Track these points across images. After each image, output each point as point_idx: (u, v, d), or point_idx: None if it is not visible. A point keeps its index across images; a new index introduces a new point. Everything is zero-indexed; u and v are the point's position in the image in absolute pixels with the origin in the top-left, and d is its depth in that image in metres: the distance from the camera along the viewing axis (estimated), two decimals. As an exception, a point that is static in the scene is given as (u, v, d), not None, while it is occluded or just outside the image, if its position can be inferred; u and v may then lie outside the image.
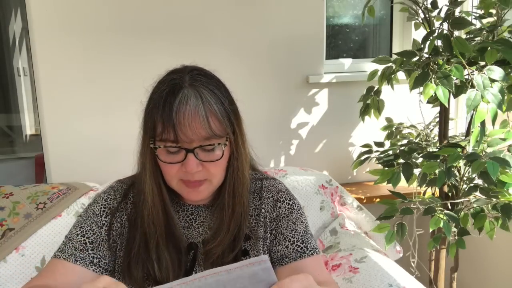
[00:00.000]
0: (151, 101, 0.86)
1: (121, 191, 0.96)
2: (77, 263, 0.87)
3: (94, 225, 0.91)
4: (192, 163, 0.82)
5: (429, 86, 1.37)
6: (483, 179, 1.40)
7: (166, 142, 0.82)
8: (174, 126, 0.80)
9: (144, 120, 0.88)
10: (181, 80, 0.85)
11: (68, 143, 1.75)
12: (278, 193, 0.98)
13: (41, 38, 1.67)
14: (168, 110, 0.81)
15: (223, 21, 1.84)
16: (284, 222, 0.95)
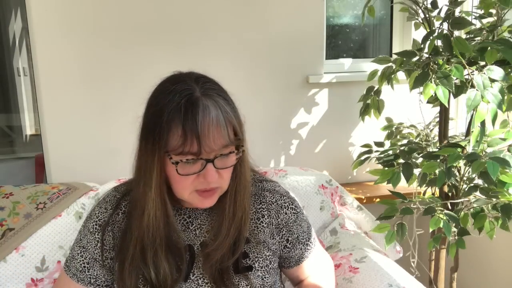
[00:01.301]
0: (164, 113, 0.80)
1: (113, 201, 0.94)
2: (79, 283, 0.92)
3: (89, 244, 0.92)
4: (213, 173, 0.81)
5: (429, 86, 1.37)
6: (483, 179, 1.40)
7: (186, 155, 0.79)
8: (200, 139, 0.78)
9: (152, 131, 0.82)
10: (193, 89, 0.82)
11: (68, 143, 1.75)
12: (281, 197, 0.99)
13: (41, 38, 1.67)
14: (191, 123, 0.78)
15: (223, 21, 1.84)
16: (294, 227, 1.00)
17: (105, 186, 1.59)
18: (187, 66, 1.88)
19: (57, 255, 1.44)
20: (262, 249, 0.94)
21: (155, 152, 0.81)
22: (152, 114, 0.83)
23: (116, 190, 0.97)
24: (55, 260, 1.44)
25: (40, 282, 1.42)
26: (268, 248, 0.96)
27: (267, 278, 0.94)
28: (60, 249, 1.45)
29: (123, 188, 0.97)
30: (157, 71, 1.98)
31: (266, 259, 0.95)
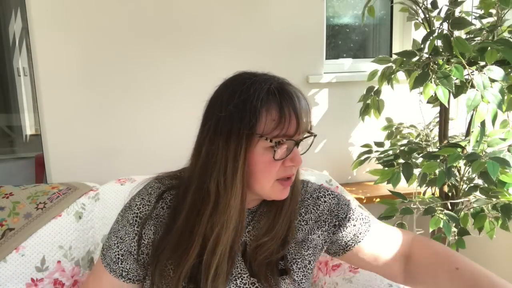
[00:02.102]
0: (254, 98, 0.78)
1: (155, 195, 0.89)
2: (111, 273, 0.90)
3: (127, 236, 0.88)
4: (299, 155, 0.83)
5: (429, 86, 1.37)
6: (483, 179, 1.40)
7: (280, 137, 0.79)
8: (298, 118, 0.79)
9: (239, 120, 0.78)
10: (273, 79, 0.82)
11: (68, 143, 1.75)
12: (315, 191, 0.98)
13: (41, 38, 1.67)
14: (290, 103, 0.78)
15: (223, 21, 1.84)
16: (339, 209, 0.97)
17: (105, 186, 1.59)
18: (187, 66, 1.89)
19: (57, 255, 1.44)
20: (301, 249, 0.93)
21: (241, 142, 0.78)
22: (237, 104, 0.79)
23: (160, 181, 0.92)
24: (55, 260, 1.44)
25: (40, 282, 1.42)
26: (307, 247, 0.94)
27: (303, 282, 0.92)
28: (60, 249, 1.45)
29: (167, 181, 0.92)
30: (157, 71, 1.99)
31: (305, 259, 0.93)
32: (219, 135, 0.80)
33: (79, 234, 1.49)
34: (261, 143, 0.79)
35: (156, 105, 1.82)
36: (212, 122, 0.82)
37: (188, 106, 1.85)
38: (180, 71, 1.82)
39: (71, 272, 1.46)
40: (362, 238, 0.97)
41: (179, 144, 1.86)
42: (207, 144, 0.82)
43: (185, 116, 1.86)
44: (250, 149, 0.79)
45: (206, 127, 0.83)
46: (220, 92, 0.85)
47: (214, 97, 0.87)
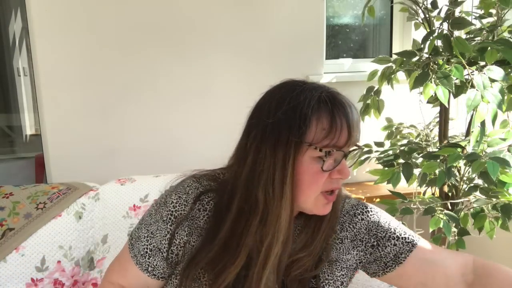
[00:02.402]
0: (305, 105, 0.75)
1: (193, 195, 0.85)
2: (137, 265, 0.87)
3: (158, 232, 0.84)
4: (347, 168, 0.79)
5: (429, 86, 1.37)
6: (483, 179, 1.40)
7: (330, 148, 0.76)
8: (350, 129, 0.76)
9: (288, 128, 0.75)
10: (324, 87, 0.80)
11: (68, 143, 1.75)
12: (352, 207, 0.93)
13: (41, 38, 1.67)
14: (342, 113, 0.76)
15: (223, 21, 1.84)
16: (377, 228, 0.91)
17: (105, 186, 1.59)
18: (187, 66, 1.89)
19: (57, 255, 1.44)
20: (334, 269, 0.88)
21: (290, 150, 0.75)
22: (287, 110, 0.76)
23: (198, 181, 0.87)
24: (55, 260, 1.44)
25: (40, 282, 1.42)
26: (341, 267, 0.89)
27: None
28: (60, 249, 1.45)
29: (205, 181, 0.87)
30: (157, 71, 1.99)
31: (338, 280, 0.88)
32: (266, 142, 0.77)
33: (79, 234, 1.49)
34: (309, 152, 0.76)
35: (156, 105, 1.82)
36: (258, 129, 0.79)
37: (188, 106, 1.86)
38: (180, 71, 1.82)
39: (71, 272, 1.46)
40: (404, 259, 0.88)
41: (179, 144, 1.87)
42: (254, 152, 0.79)
43: (185, 116, 1.86)
44: (298, 158, 0.76)
45: (252, 134, 0.79)
46: (268, 99, 0.82)
47: (260, 103, 0.83)
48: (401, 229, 0.92)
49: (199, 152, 1.89)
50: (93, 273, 1.50)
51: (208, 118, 1.88)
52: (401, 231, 0.91)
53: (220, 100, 1.88)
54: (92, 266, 1.50)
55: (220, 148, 2.03)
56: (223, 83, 1.87)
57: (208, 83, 1.86)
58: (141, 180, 1.63)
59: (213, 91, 1.86)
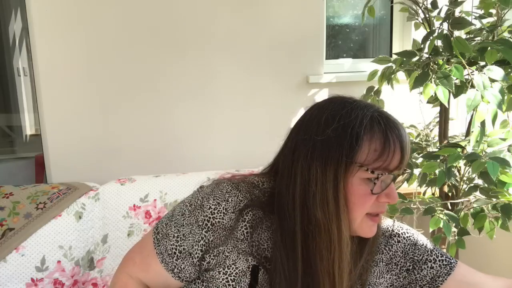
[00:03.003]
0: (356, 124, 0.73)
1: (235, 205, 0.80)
2: (162, 264, 0.83)
3: (191, 235, 0.80)
4: (396, 192, 0.76)
5: (429, 86, 1.37)
6: (483, 179, 1.40)
7: (383, 170, 0.74)
8: (403, 152, 0.74)
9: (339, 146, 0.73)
10: (377, 106, 0.78)
11: (68, 143, 1.75)
12: (387, 228, 0.90)
13: (41, 38, 1.67)
14: (396, 134, 0.73)
15: (223, 21, 1.84)
16: (414, 251, 0.89)
17: (105, 186, 1.60)
18: (187, 66, 1.89)
19: (57, 255, 1.44)
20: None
21: (340, 170, 0.73)
22: (337, 128, 0.74)
23: (237, 188, 0.82)
24: (55, 260, 1.44)
25: (40, 282, 1.42)
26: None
27: None
28: (60, 249, 1.45)
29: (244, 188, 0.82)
30: (157, 71, 1.99)
31: None
32: (316, 160, 0.75)
33: (79, 234, 1.49)
34: (360, 173, 0.73)
35: (156, 105, 1.82)
36: (307, 146, 0.76)
37: (188, 106, 1.86)
38: (180, 71, 1.82)
39: (71, 272, 1.46)
40: (441, 282, 0.86)
41: (179, 144, 1.87)
42: (304, 170, 0.76)
43: (185, 116, 1.86)
44: (348, 178, 0.74)
45: (300, 150, 0.77)
46: (316, 114, 0.79)
47: (307, 119, 0.80)
48: (437, 251, 0.90)
49: (199, 152, 1.89)
50: (93, 273, 1.50)
51: (208, 118, 1.88)
52: (437, 253, 0.89)
53: (220, 100, 1.88)
54: (92, 266, 1.50)
55: (220, 147, 2.04)
56: (223, 83, 1.87)
57: (208, 83, 1.86)
58: (141, 180, 1.63)
59: (213, 91, 1.86)
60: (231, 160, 1.90)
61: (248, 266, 0.79)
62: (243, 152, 1.91)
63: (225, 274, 0.79)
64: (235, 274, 0.79)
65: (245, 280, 0.79)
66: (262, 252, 0.80)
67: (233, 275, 0.79)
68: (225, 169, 1.66)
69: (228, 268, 0.79)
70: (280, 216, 0.78)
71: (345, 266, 0.75)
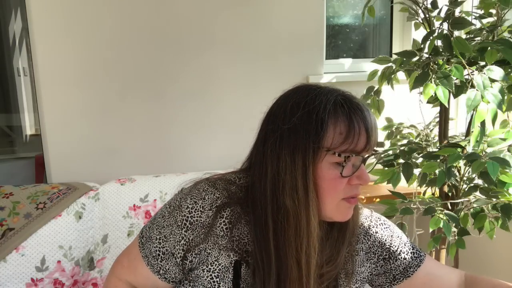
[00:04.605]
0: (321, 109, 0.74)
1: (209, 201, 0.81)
2: (148, 266, 0.85)
3: (172, 236, 0.82)
4: (367, 173, 0.77)
5: (429, 86, 1.37)
6: (483, 179, 1.40)
7: (347, 153, 0.74)
8: (368, 133, 0.74)
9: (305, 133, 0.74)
10: (339, 91, 0.79)
11: (68, 143, 1.75)
12: (366, 218, 0.92)
13: (41, 38, 1.67)
14: (360, 116, 0.74)
15: (223, 21, 1.84)
16: (392, 241, 0.92)
17: (105, 186, 1.60)
18: (187, 66, 1.89)
19: (57, 255, 1.44)
20: (350, 282, 0.87)
21: (308, 157, 0.74)
22: (302, 115, 0.75)
23: (214, 186, 0.83)
24: (55, 260, 1.44)
25: (40, 282, 1.42)
26: (356, 280, 0.89)
27: None
28: (60, 249, 1.45)
29: (221, 186, 0.84)
30: (156, 71, 1.99)
31: None
32: (284, 149, 0.76)
33: (79, 234, 1.49)
34: (328, 158, 0.75)
35: (156, 105, 1.82)
36: (275, 136, 0.77)
37: (188, 106, 1.86)
38: (180, 71, 1.82)
39: (71, 272, 1.46)
40: (412, 273, 0.92)
41: (179, 144, 1.87)
42: (273, 159, 0.77)
43: (185, 116, 1.86)
44: (317, 164, 0.75)
45: (269, 141, 0.78)
46: (282, 104, 0.81)
47: (274, 109, 0.82)
48: (410, 244, 0.95)
49: (199, 152, 1.89)
50: (93, 273, 1.50)
51: (208, 118, 1.88)
52: (410, 246, 0.94)
53: (220, 100, 1.88)
54: (92, 266, 1.50)
55: (220, 147, 2.04)
56: (223, 83, 1.87)
57: (208, 83, 1.86)
58: (141, 180, 1.63)
59: (213, 91, 1.87)
60: (231, 159, 1.89)
61: (231, 262, 0.80)
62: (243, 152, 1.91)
63: (208, 271, 0.80)
64: (218, 270, 0.80)
65: (228, 276, 0.80)
66: (243, 246, 0.81)
67: (217, 271, 0.80)
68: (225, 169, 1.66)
69: (211, 265, 0.80)
70: (254, 209, 0.80)
71: (312, 252, 0.76)
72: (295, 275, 0.76)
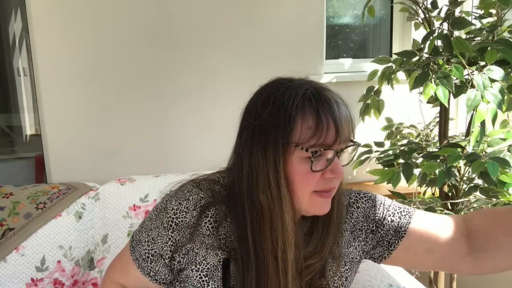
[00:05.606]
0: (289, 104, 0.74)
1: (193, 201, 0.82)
2: (139, 269, 0.86)
3: (159, 238, 0.83)
4: (341, 167, 0.76)
5: (429, 86, 1.37)
6: (483, 179, 1.40)
7: (317, 147, 0.74)
8: (337, 127, 0.74)
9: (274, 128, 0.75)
10: (310, 84, 0.78)
11: (68, 143, 1.75)
12: (346, 196, 0.91)
13: (41, 38, 1.67)
14: (328, 110, 0.74)
15: (223, 21, 1.84)
16: (374, 212, 0.90)
17: (105, 186, 1.60)
18: (187, 66, 1.89)
19: (57, 255, 1.44)
20: (338, 266, 0.87)
21: (279, 152, 0.74)
22: (271, 111, 0.75)
23: (198, 186, 0.84)
24: (55, 260, 1.44)
25: (40, 282, 1.42)
26: (344, 262, 0.88)
27: None
28: (60, 249, 1.45)
29: (205, 186, 0.85)
30: (157, 71, 1.99)
31: (342, 276, 0.88)
32: (256, 145, 0.76)
33: (79, 234, 1.49)
34: (297, 153, 0.74)
35: (156, 105, 1.82)
36: (248, 131, 0.78)
37: (188, 106, 1.86)
38: (180, 71, 1.82)
39: (71, 272, 1.46)
40: (404, 232, 0.88)
41: (179, 144, 1.87)
42: (247, 155, 0.78)
43: (185, 116, 1.86)
44: (288, 159, 0.75)
45: (243, 137, 0.79)
46: (254, 100, 0.81)
47: (248, 104, 0.82)
48: (395, 204, 0.92)
49: (199, 152, 1.89)
50: (93, 273, 1.50)
51: (208, 118, 1.88)
52: (395, 207, 0.91)
53: (220, 100, 1.88)
54: (92, 266, 1.50)
55: (220, 148, 2.03)
56: (223, 83, 1.87)
57: (208, 83, 1.86)
58: (141, 180, 1.63)
59: (213, 91, 1.86)
60: (231, 160, 1.90)
61: (219, 260, 0.81)
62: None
63: (197, 271, 0.81)
64: (207, 269, 0.81)
65: (217, 274, 0.81)
66: (230, 244, 0.82)
67: (205, 270, 0.81)
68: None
69: (200, 265, 0.81)
70: (234, 206, 0.80)
71: (287, 248, 0.76)
72: (273, 269, 0.77)
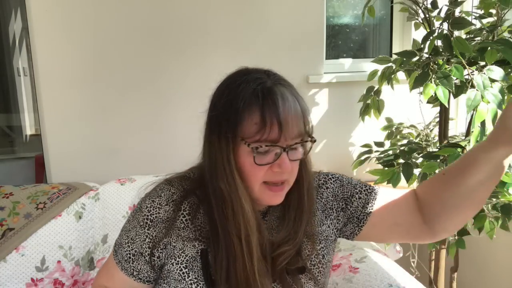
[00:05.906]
0: (238, 100, 0.77)
1: (168, 198, 0.86)
2: (122, 271, 0.90)
3: (137, 237, 0.86)
4: (288, 162, 0.78)
5: (429, 86, 1.37)
6: (483, 179, 1.40)
7: (263, 143, 0.76)
8: (281, 125, 0.75)
9: (226, 121, 0.78)
10: (266, 79, 0.80)
11: (68, 143, 1.75)
12: (315, 179, 0.94)
13: (41, 38, 1.67)
14: (271, 108, 0.75)
15: (223, 21, 1.84)
16: (342, 191, 0.94)
17: (105, 186, 1.60)
18: (187, 66, 1.89)
19: (57, 255, 1.44)
20: (313, 244, 0.90)
21: (229, 143, 0.78)
22: (224, 103, 0.79)
23: (170, 183, 0.89)
24: (55, 260, 1.44)
25: (40, 282, 1.42)
26: (319, 241, 0.91)
27: (320, 278, 0.91)
28: (60, 249, 1.45)
29: (177, 182, 0.89)
30: (157, 71, 1.99)
31: (319, 254, 0.91)
32: (212, 135, 0.80)
33: (79, 234, 1.49)
34: (243, 146, 0.77)
35: (156, 105, 1.82)
36: (207, 122, 0.83)
37: (188, 106, 1.86)
38: (180, 71, 1.82)
39: (71, 272, 1.46)
40: (371, 207, 0.92)
41: (179, 144, 1.87)
42: (207, 144, 0.83)
43: (184, 116, 1.86)
44: (237, 150, 0.78)
45: (205, 128, 0.84)
46: (215, 90, 0.85)
47: (212, 94, 0.86)
48: (360, 183, 0.96)
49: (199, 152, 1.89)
50: (93, 273, 1.50)
51: (208, 118, 1.88)
52: (361, 185, 0.95)
53: (220, 100, 1.88)
54: (92, 266, 1.50)
55: (220, 148, 2.02)
56: (223, 83, 1.87)
57: (208, 83, 1.84)
58: (141, 180, 1.63)
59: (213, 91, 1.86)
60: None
61: (197, 251, 0.84)
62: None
63: (177, 264, 0.84)
64: (186, 261, 0.83)
65: (196, 265, 0.83)
66: (206, 234, 0.84)
67: (185, 262, 0.83)
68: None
69: (179, 258, 0.84)
70: (204, 195, 0.84)
71: (250, 231, 0.79)
72: (239, 251, 0.79)
